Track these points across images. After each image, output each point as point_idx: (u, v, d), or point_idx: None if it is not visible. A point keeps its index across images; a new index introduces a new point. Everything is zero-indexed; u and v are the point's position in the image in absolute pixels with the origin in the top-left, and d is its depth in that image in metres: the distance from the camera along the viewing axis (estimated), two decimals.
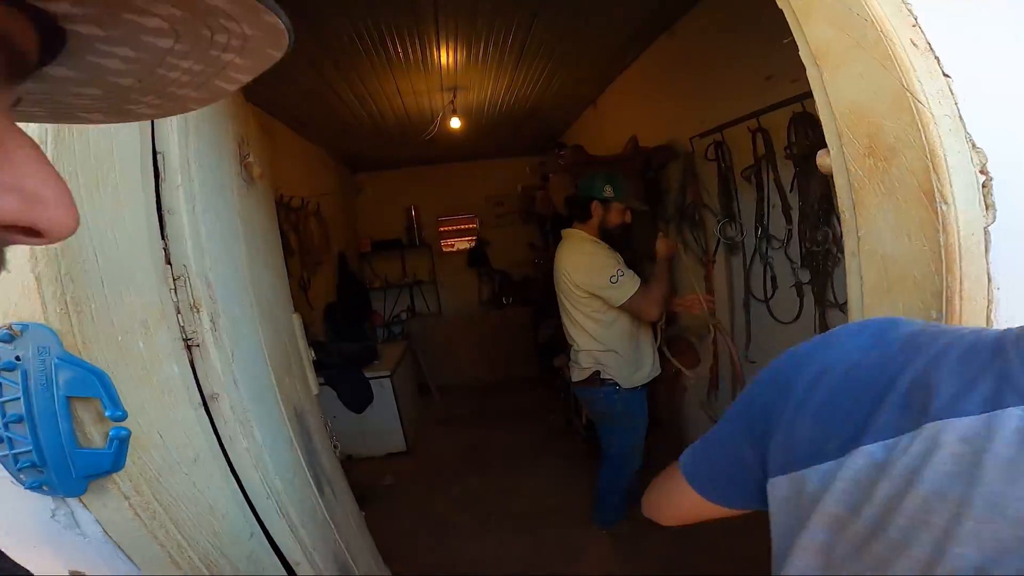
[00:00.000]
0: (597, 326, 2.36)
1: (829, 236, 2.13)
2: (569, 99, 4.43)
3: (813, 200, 2.13)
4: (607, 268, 2.22)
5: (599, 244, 2.34)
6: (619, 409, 2.42)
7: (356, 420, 3.99)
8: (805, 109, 2.16)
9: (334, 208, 5.31)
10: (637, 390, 2.44)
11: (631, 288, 2.23)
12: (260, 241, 1.44)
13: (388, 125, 4.60)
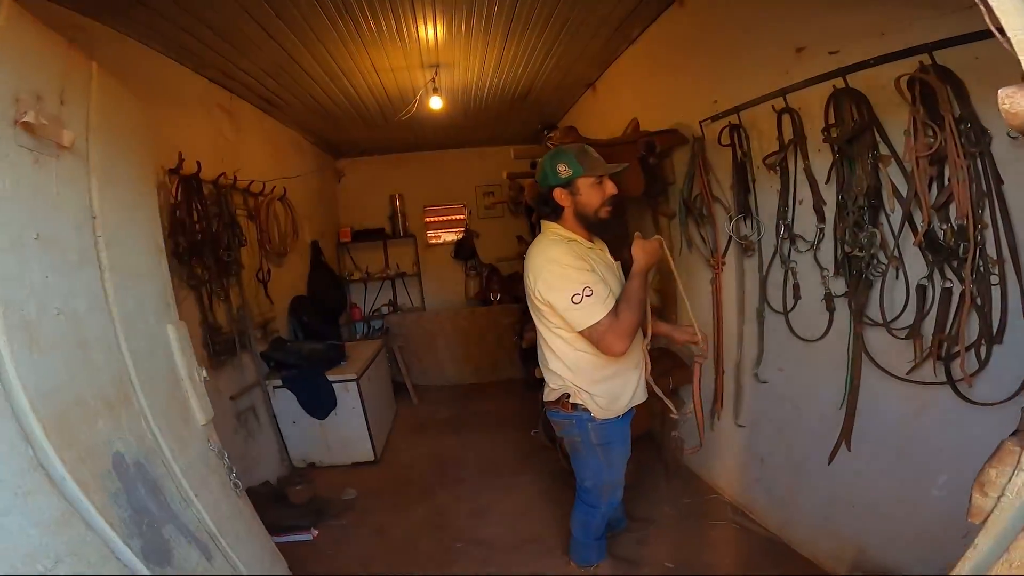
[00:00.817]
0: (564, 345, 1.84)
1: (876, 239, 1.73)
2: (566, 80, 4.05)
3: (857, 194, 1.72)
4: (570, 283, 1.67)
5: (572, 245, 1.79)
6: (591, 440, 1.94)
7: (320, 425, 3.64)
8: (848, 85, 1.75)
9: (310, 195, 4.92)
10: (616, 419, 1.93)
11: (597, 313, 1.66)
12: (71, 231, 1.01)
13: (366, 106, 4.22)
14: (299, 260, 4.45)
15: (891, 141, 1.67)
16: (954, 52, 1.45)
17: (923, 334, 1.68)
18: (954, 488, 1.69)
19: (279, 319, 3.96)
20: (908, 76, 1.52)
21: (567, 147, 1.87)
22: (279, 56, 3.04)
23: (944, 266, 1.57)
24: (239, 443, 3.04)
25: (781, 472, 2.50)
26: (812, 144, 1.99)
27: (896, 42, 1.60)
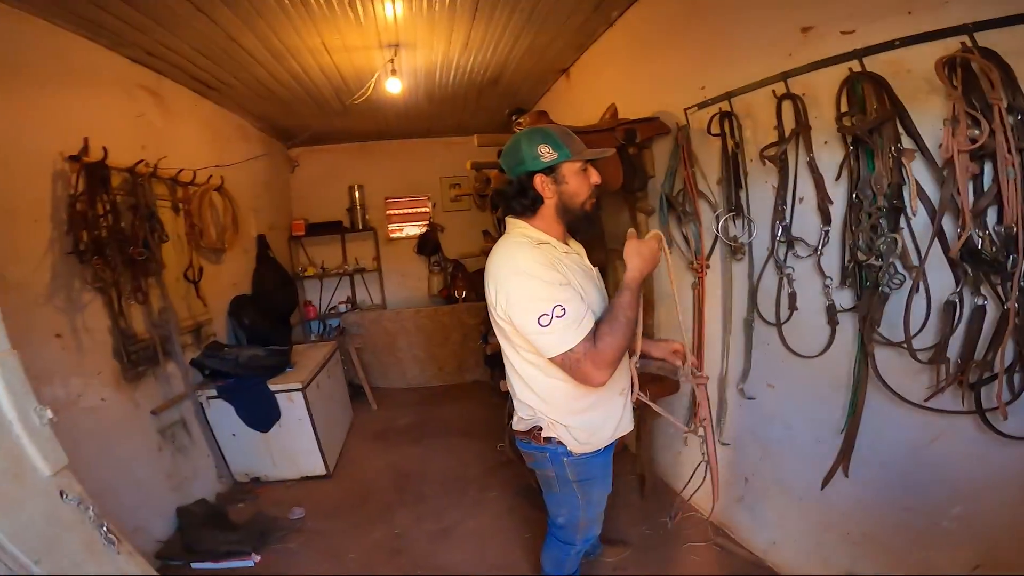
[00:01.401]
0: (534, 372, 1.51)
1: (896, 246, 1.48)
2: (538, 66, 3.75)
3: (877, 193, 1.48)
4: (537, 301, 1.34)
5: (543, 250, 1.44)
6: (568, 476, 1.63)
7: (263, 437, 3.29)
8: (865, 68, 1.51)
9: (256, 185, 4.49)
10: (596, 453, 1.62)
11: (570, 339, 1.33)
12: None
13: (319, 89, 3.83)
14: (242, 256, 4.02)
15: (919, 133, 1.44)
16: (1000, 34, 1.27)
17: (948, 357, 1.46)
18: (968, 520, 1.57)
19: (216, 321, 3.55)
20: (947, 58, 1.28)
21: (546, 126, 1.55)
22: (214, 34, 2.69)
23: (979, 280, 1.33)
24: (165, 460, 2.77)
25: (767, 494, 2.31)
26: (817, 135, 1.75)
27: (926, 21, 1.40)
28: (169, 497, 2.73)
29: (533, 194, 1.50)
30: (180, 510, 2.76)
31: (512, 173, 1.51)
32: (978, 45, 1.28)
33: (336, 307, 5.67)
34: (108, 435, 2.40)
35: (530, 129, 1.53)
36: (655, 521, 2.70)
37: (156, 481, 2.67)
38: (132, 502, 2.44)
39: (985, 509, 1.51)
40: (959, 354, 1.43)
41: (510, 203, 1.55)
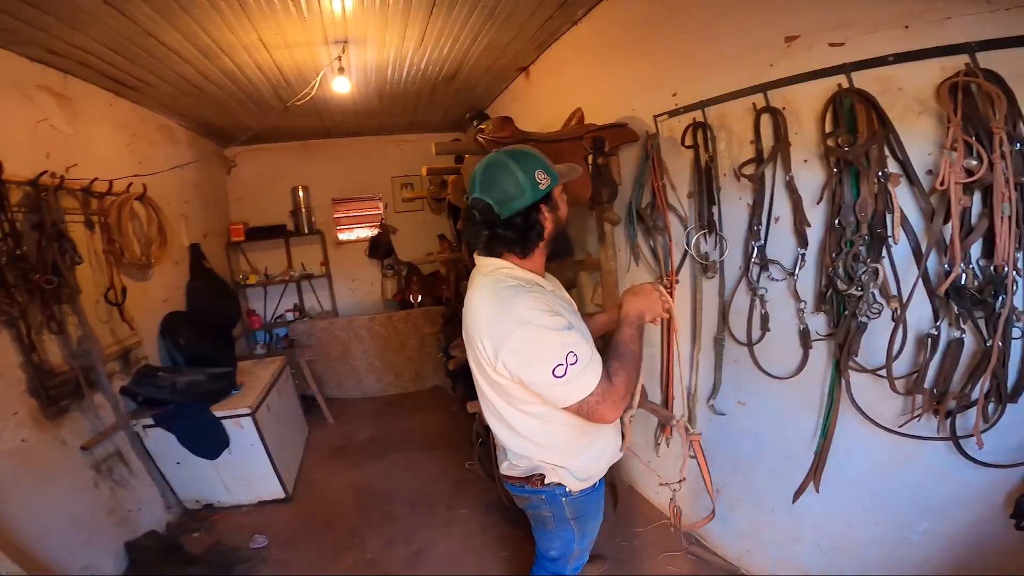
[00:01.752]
0: (535, 424, 1.40)
1: (877, 275, 1.45)
2: (497, 64, 3.58)
3: (860, 220, 1.43)
4: (549, 351, 1.20)
5: (536, 292, 1.29)
6: (565, 515, 1.55)
7: (212, 463, 3.04)
8: (853, 84, 1.46)
9: (186, 190, 4.12)
10: (592, 488, 1.55)
11: (588, 383, 1.22)
12: None
13: (257, 88, 3.52)
14: (172, 270, 3.67)
15: (908, 157, 1.39)
16: (1004, 56, 1.20)
17: (924, 387, 1.46)
18: (935, 536, 1.61)
19: (147, 343, 3.23)
20: (951, 80, 1.22)
21: (526, 147, 1.38)
22: (127, 29, 2.39)
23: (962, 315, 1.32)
24: (104, 496, 2.56)
25: (739, 505, 2.31)
26: (798, 153, 1.70)
27: (924, 38, 1.33)
28: (115, 532, 2.56)
29: (539, 228, 1.33)
30: (129, 545, 2.58)
31: (509, 209, 1.28)
32: (979, 66, 1.23)
33: (283, 316, 5.35)
34: (35, 477, 2.22)
35: (511, 152, 1.33)
36: (629, 532, 2.68)
37: (97, 518, 2.49)
38: (74, 541, 2.31)
39: (952, 525, 1.55)
40: (934, 384, 1.43)
41: (514, 242, 1.33)
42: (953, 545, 1.54)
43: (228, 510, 3.15)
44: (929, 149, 1.38)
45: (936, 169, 1.32)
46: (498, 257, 1.36)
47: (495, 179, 1.28)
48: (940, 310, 1.36)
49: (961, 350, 1.36)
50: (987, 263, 1.24)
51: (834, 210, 1.53)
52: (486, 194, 1.29)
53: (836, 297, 1.61)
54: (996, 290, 1.20)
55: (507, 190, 1.27)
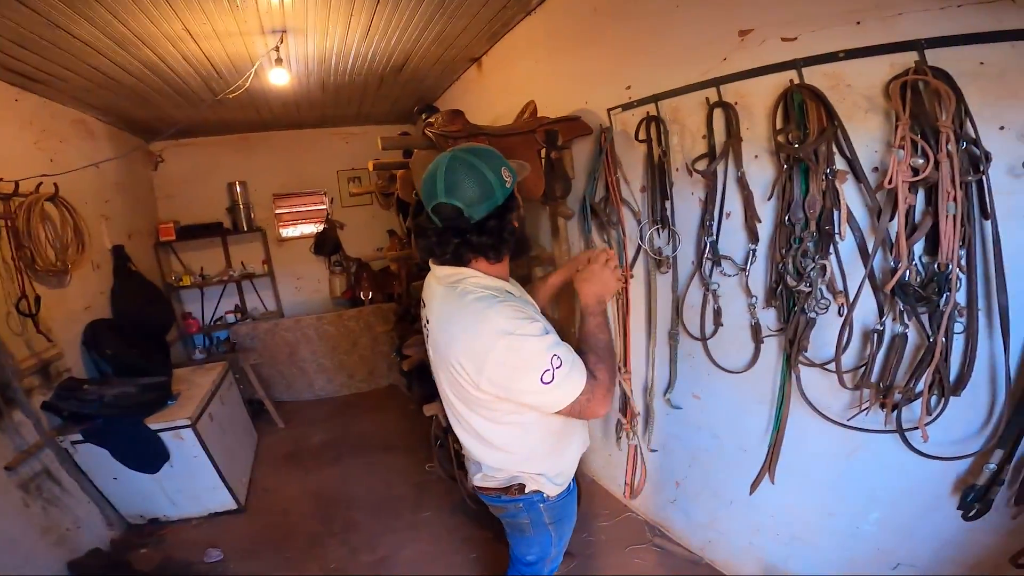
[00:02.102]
0: (515, 433, 1.36)
1: (825, 271, 1.47)
2: (448, 54, 3.44)
3: (809, 217, 1.44)
4: (535, 358, 1.14)
5: (515, 305, 1.20)
6: (543, 520, 1.55)
7: (153, 477, 2.85)
8: (804, 80, 1.45)
9: (106, 188, 3.78)
10: (566, 491, 1.54)
11: (576, 384, 1.18)
12: None
13: (184, 80, 3.25)
14: (93, 275, 3.36)
15: (856, 154, 1.40)
16: (953, 54, 1.21)
17: (871, 382, 1.50)
18: (886, 525, 1.65)
19: (69, 355, 2.96)
20: (901, 78, 1.22)
21: (482, 145, 1.28)
22: (30, 21, 2.16)
23: (907, 312, 1.35)
24: (36, 515, 2.42)
25: (699, 497, 2.35)
26: (749, 148, 1.70)
27: (875, 34, 1.33)
28: (53, 553, 2.43)
29: (511, 229, 1.26)
30: (72, 564, 2.47)
31: (479, 211, 1.19)
32: (927, 64, 1.24)
33: (223, 318, 5.05)
34: None
35: (474, 150, 1.22)
36: (595, 526, 2.69)
37: (32, 538, 2.35)
38: (10, 563, 2.20)
39: (902, 514, 1.59)
40: (880, 377, 1.47)
41: (484, 251, 1.24)
42: (903, 535, 1.59)
43: (176, 524, 3.00)
44: (876, 147, 1.39)
45: (883, 166, 1.33)
46: (465, 265, 1.27)
47: (462, 180, 1.17)
48: (885, 306, 1.39)
49: (905, 345, 1.39)
50: (931, 260, 1.27)
51: (784, 206, 1.53)
52: (452, 197, 1.17)
53: (786, 293, 1.62)
54: (939, 287, 1.23)
55: (476, 191, 1.17)
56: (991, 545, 1.39)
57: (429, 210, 1.22)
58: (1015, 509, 1.29)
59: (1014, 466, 1.27)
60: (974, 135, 1.19)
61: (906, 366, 1.40)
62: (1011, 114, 1.18)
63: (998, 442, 1.27)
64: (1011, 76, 1.17)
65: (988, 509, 1.32)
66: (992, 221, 1.19)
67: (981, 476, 1.31)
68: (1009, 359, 1.23)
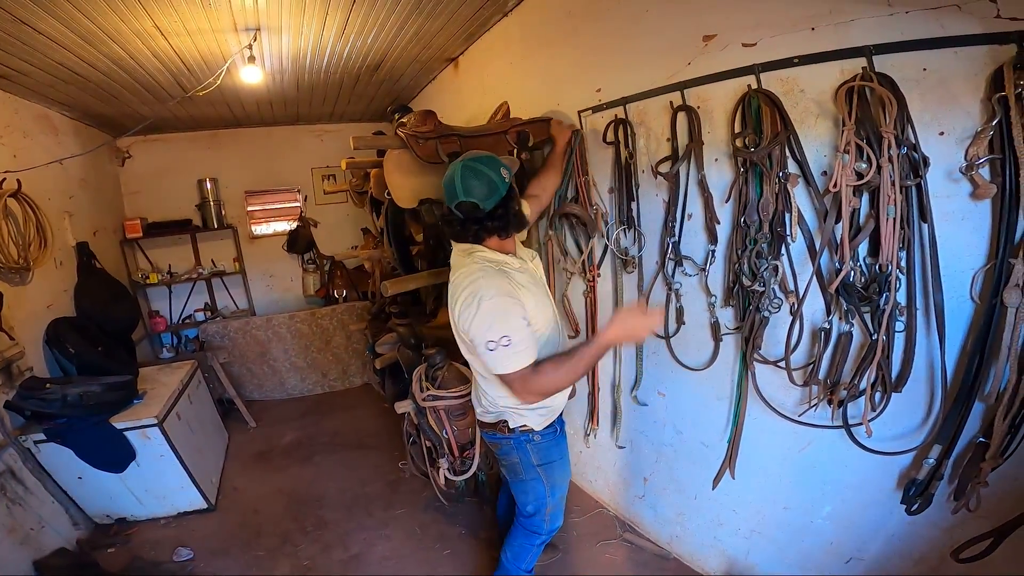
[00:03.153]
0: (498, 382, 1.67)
1: (777, 272, 1.53)
2: (424, 53, 3.44)
3: (763, 219, 1.49)
4: (489, 329, 1.49)
5: (506, 275, 1.58)
6: (532, 461, 1.79)
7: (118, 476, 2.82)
8: (762, 85, 1.50)
9: (70, 184, 3.69)
10: (556, 432, 1.82)
11: (510, 365, 1.51)
12: None
13: (153, 77, 3.19)
14: (56, 272, 3.27)
15: (806, 158, 1.45)
16: (898, 59, 1.25)
17: (819, 378, 1.56)
18: (837, 518, 1.72)
19: (32, 354, 2.89)
20: (847, 85, 1.27)
21: (483, 152, 1.65)
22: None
23: (851, 311, 1.41)
24: (0, 516, 2.39)
25: (666, 492, 2.41)
26: (709, 151, 1.75)
27: (828, 40, 1.37)
28: (18, 552, 2.40)
29: (514, 211, 1.64)
30: (38, 563, 2.44)
31: (491, 203, 1.56)
32: (875, 69, 1.28)
33: (192, 316, 4.96)
34: None
35: (479, 158, 1.58)
36: (566, 521, 2.69)
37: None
38: None
39: (851, 508, 1.66)
40: (827, 374, 1.53)
41: (497, 231, 1.62)
42: (853, 528, 1.65)
43: (144, 523, 2.96)
44: (825, 151, 1.44)
45: (831, 171, 1.38)
46: (480, 243, 1.64)
47: (474, 183, 1.55)
48: (832, 305, 1.45)
49: (851, 343, 1.46)
50: (873, 261, 1.33)
51: (740, 208, 1.59)
52: (469, 196, 1.55)
53: (742, 292, 1.68)
54: (880, 287, 1.29)
55: (485, 189, 1.55)
56: (935, 539, 1.45)
57: (452, 207, 1.60)
58: (955, 504, 1.34)
59: (953, 462, 1.34)
60: (914, 140, 1.24)
61: (851, 363, 1.46)
62: (950, 120, 1.23)
63: (936, 437, 1.34)
64: (952, 82, 1.21)
65: (929, 504, 1.39)
66: (929, 224, 1.25)
67: (921, 471, 1.37)
68: (945, 356, 1.30)
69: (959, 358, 1.31)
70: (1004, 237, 1.15)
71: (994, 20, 1.13)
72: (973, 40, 1.16)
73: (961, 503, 1.30)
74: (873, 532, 1.59)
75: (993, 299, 1.18)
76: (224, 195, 5.08)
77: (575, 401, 2.71)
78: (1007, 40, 1.12)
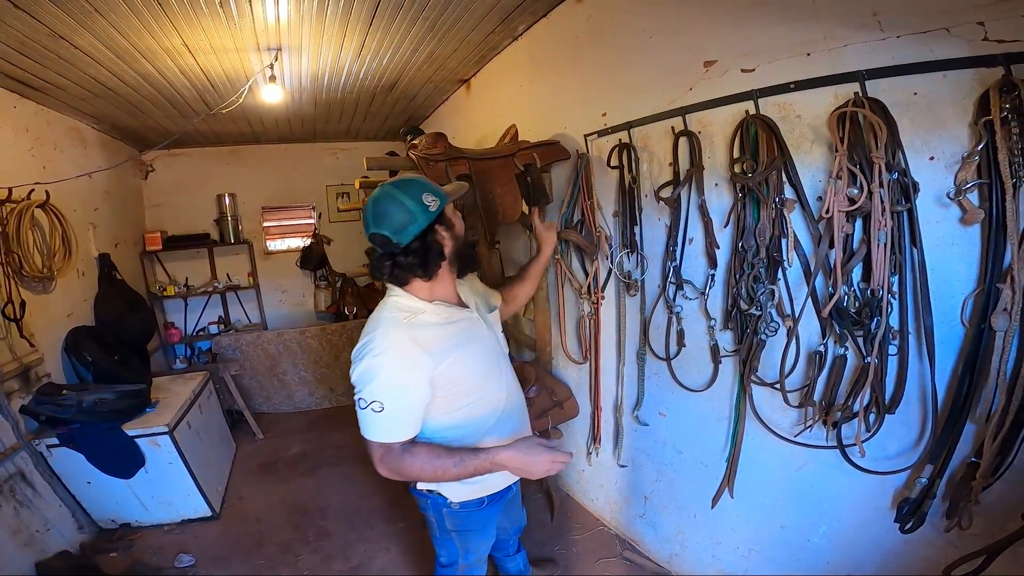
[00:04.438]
0: None
1: (774, 296, 1.56)
2: (437, 75, 3.57)
3: (760, 244, 1.54)
4: (363, 384, 1.30)
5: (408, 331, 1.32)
6: (445, 525, 1.60)
7: (127, 482, 2.87)
8: (759, 110, 1.56)
9: (95, 195, 3.84)
10: (483, 506, 1.56)
11: (369, 433, 1.31)
12: None
13: (180, 93, 3.34)
14: (78, 282, 3.40)
15: (801, 183, 1.50)
16: (890, 84, 1.28)
17: (814, 400, 1.58)
18: (834, 537, 1.72)
19: (50, 360, 2.98)
20: (840, 111, 1.31)
21: (409, 175, 1.47)
22: (35, 31, 2.24)
23: (844, 335, 1.44)
24: (8, 517, 2.44)
25: (666, 511, 2.41)
26: (709, 176, 1.80)
27: (823, 65, 1.42)
28: (21, 553, 2.44)
29: (438, 248, 1.37)
30: (40, 565, 2.48)
31: (405, 236, 1.32)
32: (867, 94, 1.30)
33: (206, 328, 5.06)
34: None
35: (396, 183, 1.37)
36: (567, 538, 2.74)
37: (1, 538, 2.35)
38: None
39: (847, 528, 1.66)
40: (822, 396, 1.55)
41: (414, 270, 1.36)
42: (849, 547, 1.66)
43: (148, 529, 3.00)
44: (821, 176, 1.48)
45: (825, 196, 1.40)
46: (405, 284, 1.40)
47: (385, 211, 1.31)
48: (826, 329, 1.48)
49: (845, 366, 1.48)
50: (865, 286, 1.36)
51: (738, 233, 1.63)
52: (380, 227, 1.32)
53: (740, 315, 1.71)
54: (872, 312, 1.32)
55: (399, 219, 1.30)
56: (928, 557, 1.45)
57: (367, 238, 1.37)
58: (947, 522, 1.35)
59: (945, 481, 1.35)
60: (905, 165, 1.27)
61: (846, 385, 1.49)
62: (940, 144, 1.25)
63: (929, 457, 1.35)
64: (940, 107, 1.24)
65: (922, 522, 1.40)
66: (919, 249, 1.29)
67: (914, 490, 1.39)
68: (936, 379, 1.32)
69: (950, 381, 1.33)
70: (992, 262, 1.18)
71: (982, 43, 1.15)
72: (961, 64, 1.18)
73: (953, 522, 1.31)
74: (869, 551, 1.60)
75: (982, 323, 1.20)
76: (241, 210, 5.23)
77: (578, 420, 2.74)
78: (994, 63, 1.13)
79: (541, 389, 2.60)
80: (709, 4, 1.76)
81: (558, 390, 2.67)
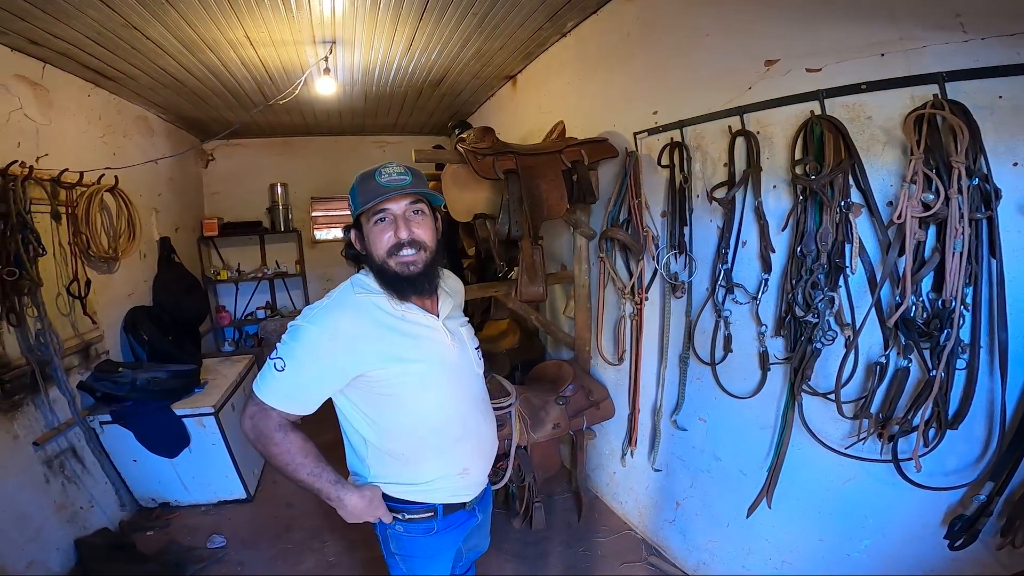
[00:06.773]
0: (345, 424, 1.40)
1: (833, 303, 1.50)
2: (484, 70, 3.60)
3: (821, 250, 1.48)
4: (282, 344, 1.19)
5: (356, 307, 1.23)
6: (389, 547, 1.40)
7: (171, 461, 2.97)
8: (825, 112, 1.49)
9: (159, 182, 4.04)
10: (434, 532, 1.35)
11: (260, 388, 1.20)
12: None
13: (240, 84, 3.48)
14: (140, 263, 3.59)
15: (870, 187, 1.43)
16: (972, 87, 1.22)
17: (871, 412, 1.51)
18: (875, 552, 1.66)
19: (109, 338, 3.15)
20: (918, 112, 1.25)
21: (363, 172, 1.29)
22: (111, 21, 2.37)
23: (909, 346, 1.37)
24: (54, 492, 2.48)
25: (697, 519, 2.36)
26: (767, 178, 1.74)
27: (898, 66, 1.35)
28: (64, 529, 2.49)
29: (353, 250, 1.33)
30: (79, 542, 2.51)
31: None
32: (947, 97, 1.24)
33: (254, 313, 5.25)
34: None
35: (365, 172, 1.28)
36: (592, 541, 2.71)
37: (45, 514, 2.40)
38: (20, 538, 2.24)
39: (891, 543, 1.60)
40: (880, 409, 1.48)
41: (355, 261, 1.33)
42: (890, 562, 1.60)
43: (185, 509, 3.08)
44: (892, 180, 1.41)
45: (896, 201, 1.34)
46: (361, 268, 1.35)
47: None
48: (890, 340, 1.41)
49: (907, 378, 1.41)
50: (936, 297, 1.29)
51: (797, 237, 1.57)
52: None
53: (794, 323, 1.65)
54: (942, 323, 1.25)
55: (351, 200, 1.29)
56: None
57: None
58: (1000, 540, 1.29)
59: (1004, 499, 1.28)
60: (986, 171, 1.20)
61: (907, 399, 1.42)
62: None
63: (991, 474, 1.28)
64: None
65: (974, 540, 1.33)
66: (998, 259, 1.21)
67: (970, 507, 1.32)
68: (1006, 395, 1.25)
69: (1021, 397, 1.25)
70: None
71: None
72: None
73: (1007, 539, 1.23)
74: (912, 567, 1.53)
75: None
76: (292, 200, 5.39)
77: (612, 421, 2.70)
78: None
79: (578, 388, 2.58)
80: (772, 3, 1.71)
81: (595, 390, 2.65)
